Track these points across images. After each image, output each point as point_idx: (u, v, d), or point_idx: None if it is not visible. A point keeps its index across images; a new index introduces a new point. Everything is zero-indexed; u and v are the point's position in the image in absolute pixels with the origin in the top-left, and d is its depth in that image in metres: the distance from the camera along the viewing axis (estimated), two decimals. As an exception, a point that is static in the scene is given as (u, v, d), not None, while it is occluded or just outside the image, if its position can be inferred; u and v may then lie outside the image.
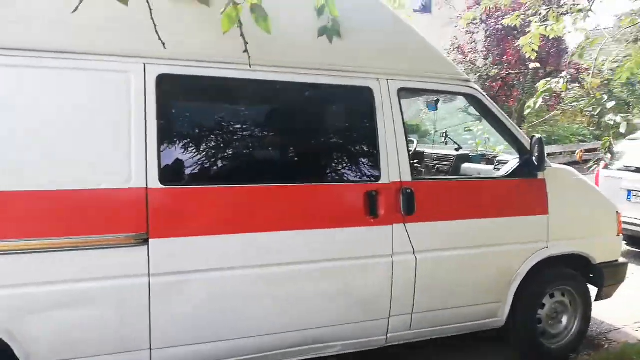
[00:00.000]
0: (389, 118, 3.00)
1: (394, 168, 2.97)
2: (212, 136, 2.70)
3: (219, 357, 2.68)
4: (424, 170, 4.29)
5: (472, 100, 3.36)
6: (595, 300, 3.66)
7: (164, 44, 2.24)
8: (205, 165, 2.67)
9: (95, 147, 2.42)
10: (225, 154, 2.73)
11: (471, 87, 3.32)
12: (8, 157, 2.27)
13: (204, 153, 2.67)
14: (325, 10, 2.83)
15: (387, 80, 3.02)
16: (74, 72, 2.41)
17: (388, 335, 3.04)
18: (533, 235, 3.34)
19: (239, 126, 2.78)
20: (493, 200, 3.25)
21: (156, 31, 2.18)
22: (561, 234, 3.42)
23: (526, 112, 4.66)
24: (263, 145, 2.82)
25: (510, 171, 3.36)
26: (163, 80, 2.54)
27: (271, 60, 2.74)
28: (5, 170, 2.25)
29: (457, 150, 4.32)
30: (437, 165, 4.24)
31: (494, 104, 3.41)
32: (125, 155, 2.44)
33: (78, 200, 2.36)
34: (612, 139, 4.46)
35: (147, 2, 2.11)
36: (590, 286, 3.65)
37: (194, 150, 2.66)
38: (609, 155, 6.33)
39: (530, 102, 4.05)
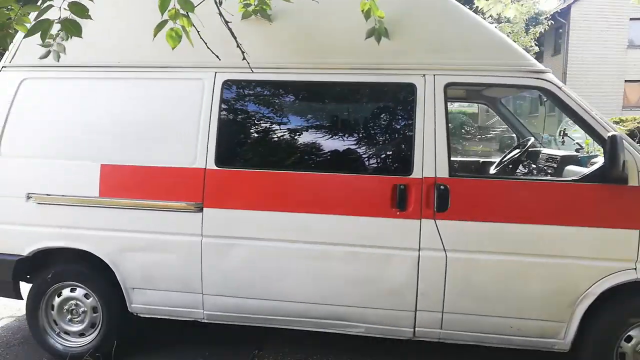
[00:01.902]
0: (430, 113, 3.01)
1: (429, 163, 2.98)
2: (260, 127, 3.24)
3: (256, 313, 3.22)
4: (535, 169, 3.91)
5: (547, 94, 3.02)
6: None
7: (218, 57, 2.90)
8: (253, 152, 3.24)
9: (176, 134, 3.23)
10: (271, 143, 3.22)
11: (545, 80, 3.00)
12: (122, 142, 3.27)
13: (252, 142, 3.27)
14: (371, 12, 3.07)
15: (433, 75, 3.03)
16: (167, 81, 3.28)
17: (416, 329, 3.07)
18: (612, 252, 2.83)
19: (283, 120, 3.24)
20: (553, 205, 2.88)
21: (209, 48, 2.83)
22: None
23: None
24: (300, 137, 3.18)
25: (587, 175, 2.91)
26: (227, 84, 3.21)
27: (318, 63, 3.13)
28: (117, 150, 3.25)
29: (577, 151, 3.79)
30: (545, 166, 3.81)
31: (577, 98, 2.98)
32: (194, 141, 3.19)
33: (161, 174, 3.22)
34: None
35: (197, 31, 2.76)
36: None
37: (244, 140, 3.27)
38: None
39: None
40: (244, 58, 2.76)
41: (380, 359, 3.53)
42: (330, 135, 3.16)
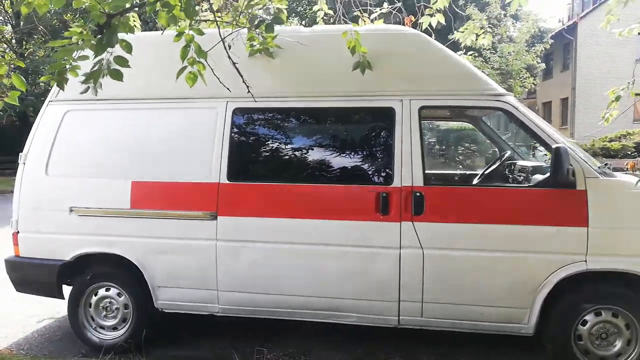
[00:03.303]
0: (407, 133, 3.55)
1: (407, 174, 3.50)
2: (264, 146, 3.84)
3: (264, 306, 3.74)
4: (511, 179, 4.38)
5: (507, 114, 3.54)
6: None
7: (228, 89, 3.48)
8: (259, 168, 3.83)
9: (194, 154, 3.82)
10: (274, 160, 3.81)
11: (503, 101, 3.52)
12: (149, 162, 3.87)
13: (258, 159, 3.85)
14: (356, 49, 3.64)
15: (409, 100, 3.58)
16: (186, 110, 3.89)
17: (400, 317, 3.56)
18: (565, 247, 3.29)
19: (284, 140, 3.83)
20: (512, 208, 3.38)
21: (220, 82, 3.40)
22: (606, 249, 3.26)
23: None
24: (299, 154, 3.76)
25: (540, 181, 3.41)
26: (236, 112, 3.81)
27: (312, 92, 3.71)
28: (145, 169, 3.85)
29: (545, 162, 4.26)
30: (519, 176, 4.29)
31: (532, 116, 3.49)
32: (209, 160, 3.77)
33: (182, 188, 3.80)
34: None
35: (211, 69, 3.35)
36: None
37: (251, 157, 3.85)
38: None
39: (603, 113, 3.75)
40: (248, 91, 3.36)
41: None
42: (324, 152, 3.73)
